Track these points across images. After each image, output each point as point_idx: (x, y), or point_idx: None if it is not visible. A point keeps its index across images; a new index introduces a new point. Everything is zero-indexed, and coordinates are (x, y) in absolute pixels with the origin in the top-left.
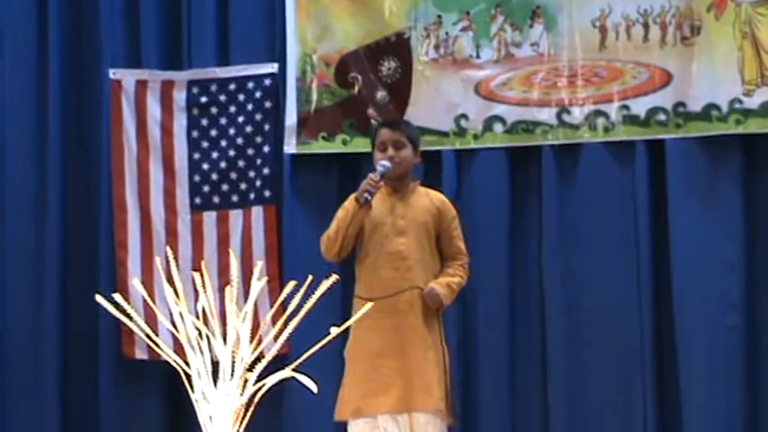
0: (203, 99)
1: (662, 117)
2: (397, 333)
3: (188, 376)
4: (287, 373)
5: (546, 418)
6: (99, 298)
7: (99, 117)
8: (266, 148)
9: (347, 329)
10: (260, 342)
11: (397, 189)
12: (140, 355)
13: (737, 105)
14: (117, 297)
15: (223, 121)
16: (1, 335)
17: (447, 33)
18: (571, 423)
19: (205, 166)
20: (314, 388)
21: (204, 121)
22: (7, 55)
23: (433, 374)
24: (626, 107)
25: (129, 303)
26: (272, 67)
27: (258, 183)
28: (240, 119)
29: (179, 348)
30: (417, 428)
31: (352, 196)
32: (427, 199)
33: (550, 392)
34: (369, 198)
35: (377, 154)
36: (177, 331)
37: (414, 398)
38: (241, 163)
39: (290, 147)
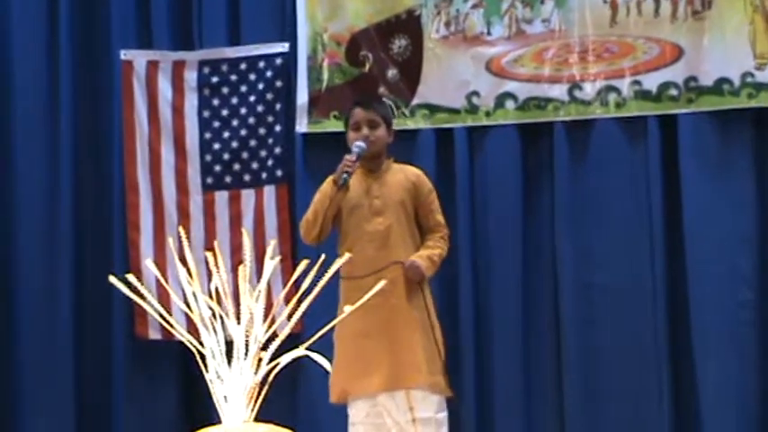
0: (214, 79)
1: (673, 92)
2: (381, 312)
3: (202, 356)
4: (301, 351)
5: (560, 396)
6: (112, 278)
7: (110, 98)
8: (278, 128)
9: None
10: (273, 321)
11: (372, 169)
12: (154, 335)
13: (749, 79)
14: (130, 277)
15: (234, 100)
16: (16, 316)
17: (458, 10)
18: (586, 400)
19: (216, 146)
20: (328, 366)
21: (215, 101)
22: (18, 37)
23: (419, 351)
24: (637, 82)
25: (142, 284)
26: (283, 47)
27: (270, 162)
28: (251, 98)
29: (192, 328)
30: (416, 404)
31: (330, 178)
32: (402, 175)
33: (564, 369)
34: (346, 179)
35: (351, 134)
36: (191, 311)
37: (402, 375)
38: (253, 142)
39: (302, 126)
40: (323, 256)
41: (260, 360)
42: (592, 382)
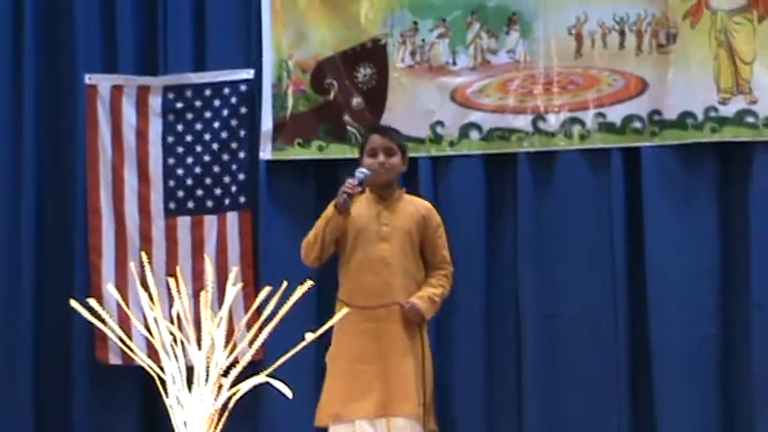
0: (179, 104)
1: (637, 125)
2: (377, 338)
3: (162, 381)
4: (261, 378)
5: (521, 427)
6: (73, 302)
7: (74, 122)
8: (242, 154)
9: (322, 336)
10: (234, 347)
11: (384, 196)
12: (114, 360)
13: (713, 113)
14: (91, 302)
15: (198, 126)
16: None
17: (423, 40)
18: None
19: (180, 172)
20: (289, 394)
21: (180, 127)
22: None
23: (410, 380)
24: (602, 114)
25: (103, 308)
26: (248, 73)
27: (233, 188)
28: (216, 124)
29: (153, 353)
30: None
31: (333, 203)
32: (413, 206)
33: (525, 400)
34: (347, 201)
35: (366, 159)
36: (152, 336)
37: (392, 403)
38: (216, 168)
39: (266, 153)
40: (285, 283)
41: (220, 386)
42: (552, 414)
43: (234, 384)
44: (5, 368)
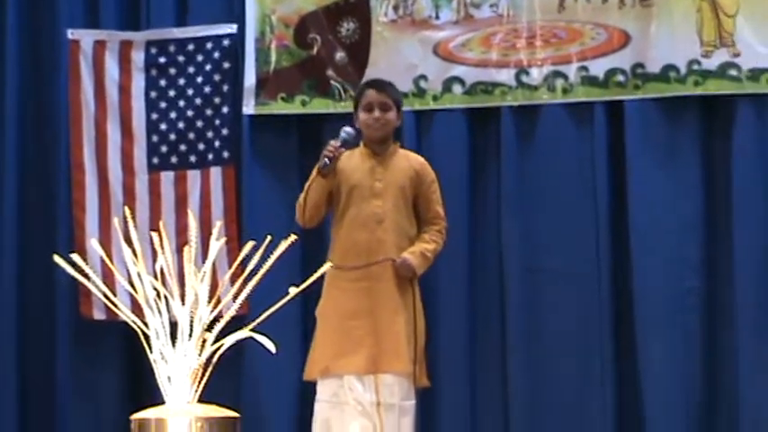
0: (162, 59)
1: (620, 78)
2: (368, 295)
3: (146, 337)
4: (245, 333)
5: (505, 380)
6: (57, 258)
7: (57, 77)
8: (225, 109)
9: (306, 290)
10: (218, 302)
11: (378, 152)
12: (98, 315)
13: (696, 66)
14: (75, 257)
15: (181, 81)
16: None
17: None
18: (530, 383)
19: (163, 127)
20: (272, 348)
21: (162, 82)
22: None
23: (401, 337)
24: (584, 68)
25: (87, 263)
26: (231, 28)
27: (217, 143)
28: (198, 79)
29: (137, 309)
30: (383, 389)
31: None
32: (406, 161)
33: (509, 352)
34: (327, 164)
35: (362, 114)
36: (135, 292)
37: (382, 359)
38: (199, 123)
39: (249, 107)
40: (269, 238)
41: (204, 341)
42: (536, 365)
43: (218, 339)
44: None
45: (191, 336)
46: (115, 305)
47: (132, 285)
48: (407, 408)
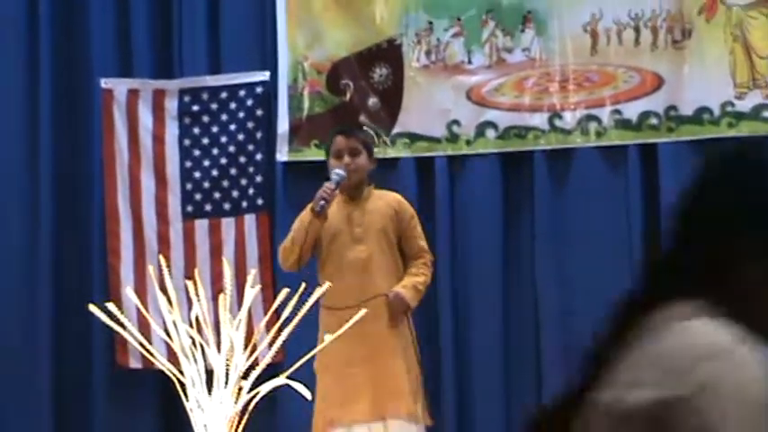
0: (195, 107)
1: (654, 121)
2: (364, 341)
3: (182, 385)
4: (281, 380)
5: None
6: (92, 307)
7: (91, 126)
8: (258, 156)
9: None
10: (254, 350)
11: (353, 197)
12: (134, 364)
13: (729, 108)
14: (110, 306)
15: (215, 129)
16: None
17: (438, 39)
18: None
19: (197, 175)
20: (308, 395)
21: (196, 130)
22: None
23: (403, 379)
24: (618, 111)
25: (122, 312)
26: (264, 75)
27: (250, 191)
28: (232, 127)
29: (173, 357)
30: None
31: (309, 206)
32: (383, 202)
33: (545, 398)
34: (324, 206)
35: (332, 161)
36: (171, 340)
37: (386, 404)
38: (233, 171)
39: (282, 154)
40: (303, 285)
41: (240, 389)
42: None
43: (253, 387)
44: (25, 372)
45: (227, 383)
46: (151, 354)
47: (168, 334)
48: None
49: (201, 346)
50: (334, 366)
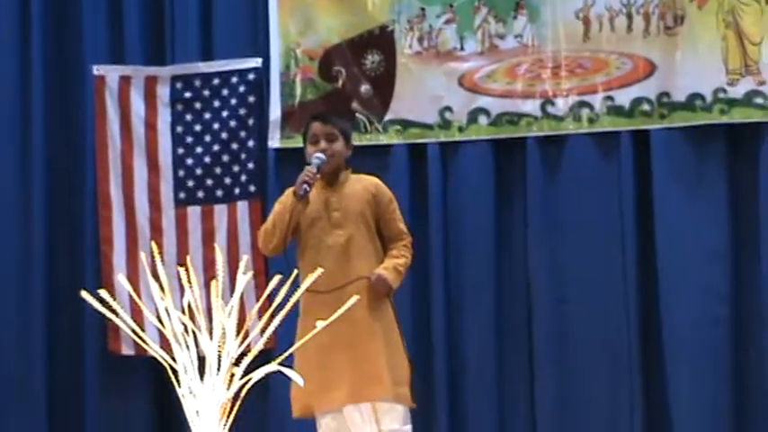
0: (187, 94)
1: (646, 107)
2: (343, 325)
3: (174, 371)
4: (273, 366)
5: (533, 408)
6: (84, 294)
7: (83, 113)
8: (251, 143)
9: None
10: (246, 336)
11: (330, 182)
12: (127, 350)
13: (722, 95)
14: (102, 293)
15: (207, 115)
16: None
17: (430, 26)
18: (558, 415)
19: (189, 161)
20: (300, 381)
21: (188, 116)
22: None
23: (381, 363)
24: (610, 98)
25: (114, 299)
26: (256, 62)
27: (243, 177)
28: (224, 113)
29: (165, 344)
30: (382, 415)
31: (290, 190)
32: (360, 186)
33: (537, 385)
34: (306, 190)
35: (309, 147)
36: (163, 326)
37: (366, 388)
38: (225, 158)
39: (275, 141)
40: (296, 271)
41: (232, 375)
42: (564, 396)
43: (246, 373)
44: (18, 360)
45: (219, 370)
46: (143, 340)
47: (160, 320)
48: None
49: (194, 332)
50: (311, 350)
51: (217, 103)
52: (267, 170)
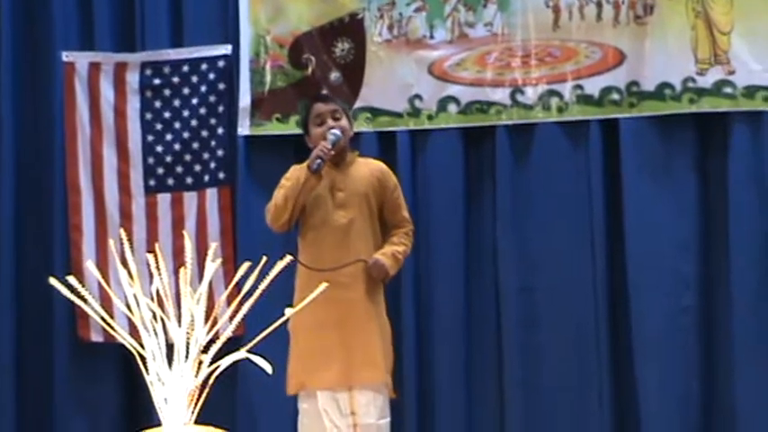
0: (157, 81)
1: (615, 96)
2: (339, 305)
3: (143, 358)
4: (241, 354)
5: (501, 396)
6: (53, 281)
7: (52, 100)
8: (220, 130)
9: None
10: (215, 323)
11: (336, 162)
12: (96, 337)
13: (691, 84)
14: (71, 280)
15: (177, 102)
16: None
17: (401, 14)
18: (526, 403)
19: (159, 149)
20: (268, 369)
21: (158, 103)
22: None
23: (376, 347)
24: (579, 87)
25: (83, 286)
26: (226, 49)
27: (212, 165)
28: (194, 101)
29: (134, 331)
30: (358, 408)
31: (304, 165)
32: (366, 169)
33: (506, 372)
34: (320, 164)
35: (315, 129)
36: (132, 313)
37: (356, 371)
38: (195, 145)
39: (244, 128)
40: (264, 259)
41: (200, 363)
42: (532, 384)
43: (214, 360)
44: None
45: (187, 357)
46: (112, 327)
47: (129, 307)
48: (384, 426)
49: (162, 319)
50: (307, 329)
51: (186, 90)
52: (237, 157)
